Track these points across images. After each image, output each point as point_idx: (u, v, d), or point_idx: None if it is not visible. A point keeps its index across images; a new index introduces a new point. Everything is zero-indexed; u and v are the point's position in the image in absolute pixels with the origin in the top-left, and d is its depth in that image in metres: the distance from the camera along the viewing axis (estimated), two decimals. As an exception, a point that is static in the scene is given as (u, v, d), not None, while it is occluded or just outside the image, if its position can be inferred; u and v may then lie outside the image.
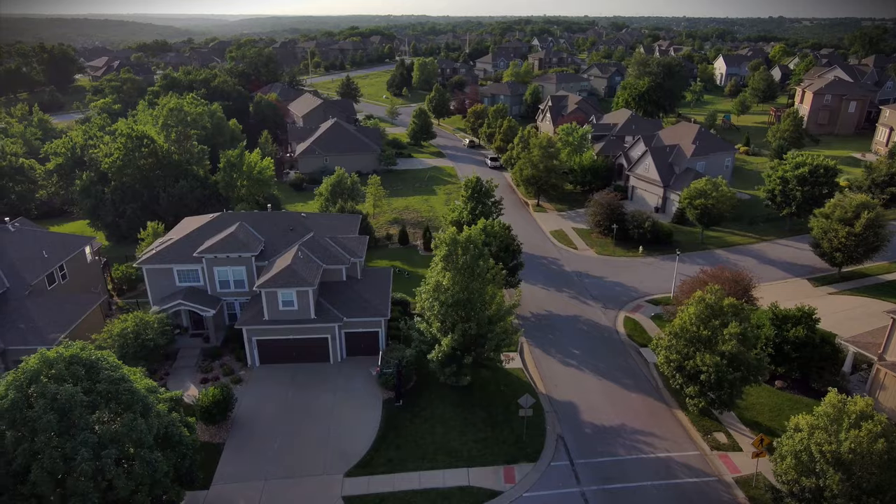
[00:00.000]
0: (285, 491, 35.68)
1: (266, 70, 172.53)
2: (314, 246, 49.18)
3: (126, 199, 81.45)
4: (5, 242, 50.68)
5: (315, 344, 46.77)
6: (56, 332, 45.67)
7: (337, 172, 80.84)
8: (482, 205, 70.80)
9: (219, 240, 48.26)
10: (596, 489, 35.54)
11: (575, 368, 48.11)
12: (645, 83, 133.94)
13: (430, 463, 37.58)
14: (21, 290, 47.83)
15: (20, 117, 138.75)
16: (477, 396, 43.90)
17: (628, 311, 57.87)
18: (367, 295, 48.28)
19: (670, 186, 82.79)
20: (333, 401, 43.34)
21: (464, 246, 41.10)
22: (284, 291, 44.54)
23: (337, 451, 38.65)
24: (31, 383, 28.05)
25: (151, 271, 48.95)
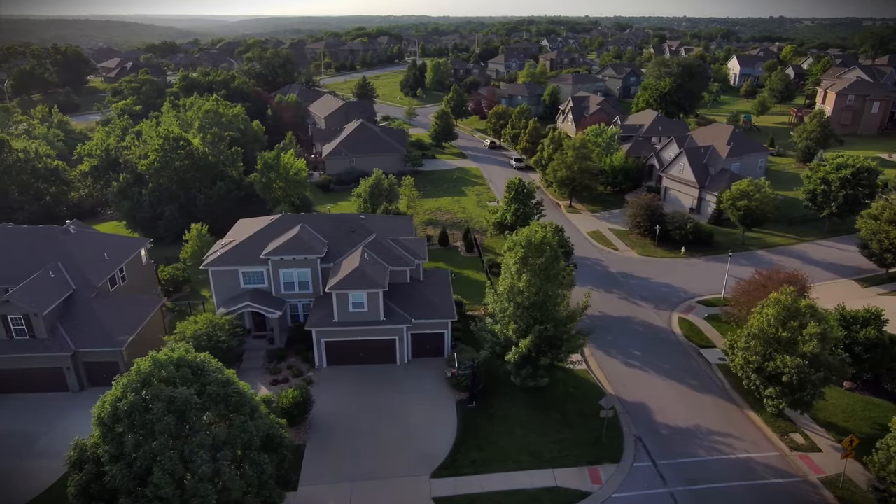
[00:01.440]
0: (374, 492, 35.89)
1: (283, 71, 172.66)
2: (378, 248, 49.39)
3: (164, 200, 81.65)
4: (68, 245, 50.82)
5: (382, 345, 47.00)
6: (125, 335, 45.95)
7: (375, 174, 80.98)
8: (524, 206, 71.13)
9: (284, 242, 48.45)
10: (683, 490, 35.79)
11: (639, 369, 48.36)
12: (667, 84, 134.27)
13: (514, 464, 37.82)
14: (87, 292, 47.99)
15: (41, 119, 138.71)
16: (547, 398, 44.15)
17: (681, 311, 58.12)
18: (432, 297, 48.53)
19: (706, 187, 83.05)
20: (407, 402, 43.57)
21: (539, 248, 41.29)
22: (355, 293, 44.76)
23: (419, 453, 38.87)
24: (144, 386, 28.20)
25: (217, 273, 49.16)
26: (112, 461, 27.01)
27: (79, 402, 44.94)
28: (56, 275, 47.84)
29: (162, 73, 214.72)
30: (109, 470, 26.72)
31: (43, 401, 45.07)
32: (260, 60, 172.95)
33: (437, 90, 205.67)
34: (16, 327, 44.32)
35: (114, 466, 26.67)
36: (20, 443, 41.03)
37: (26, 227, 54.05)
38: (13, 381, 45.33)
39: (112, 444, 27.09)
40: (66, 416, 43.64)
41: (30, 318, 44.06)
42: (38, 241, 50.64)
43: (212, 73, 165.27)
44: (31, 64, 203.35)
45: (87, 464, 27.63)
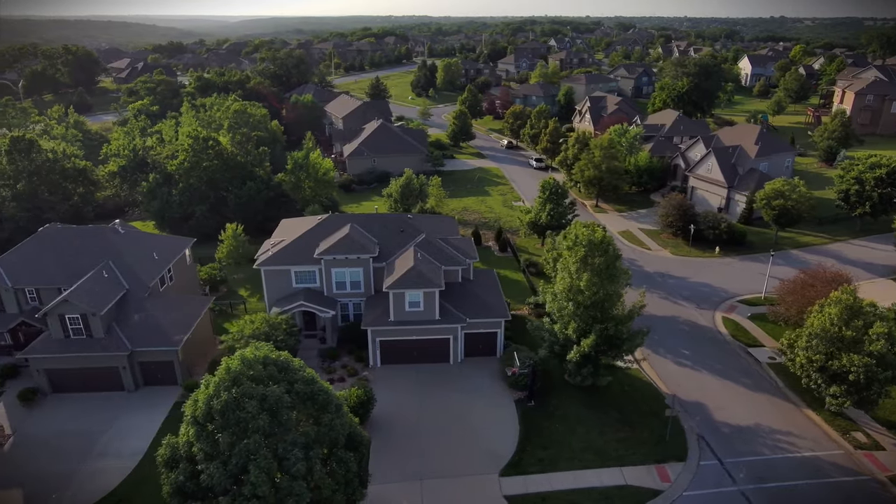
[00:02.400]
0: (444, 490, 36.02)
1: (297, 71, 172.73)
2: (429, 247, 49.51)
3: (194, 200, 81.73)
4: (119, 245, 50.93)
5: (437, 345, 47.14)
6: (180, 334, 46.06)
7: (406, 174, 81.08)
8: (559, 206, 71.26)
9: (336, 241, 48.56)
10: (753, 488, 35.91)
11: (690, 369, 48.50)
12: (684, 84, 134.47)
13: (581, 462, 37.97)
14: (140, 291, 48.10)
15: (58, 119, 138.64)
16: (603, 397, 44.28)
17: (723, 311, 58.27)
18: (485, 296, 48.66)
19: (734, 187, 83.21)
20: (465, 401, 43.71)
21: (600, 247, 41.42)
22: (412, 293, 44.88)
23: (484, 451, 39.00)
24: (235, 384, 28.26)
25: (269, 272, 49.26)
26: (207, 459, 27.06)
27: (134, 402, 45.09)
28: (109, 274, 47.93)
29: (172, 73, 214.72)
30: (206, 468, 26.77)
31: (99, 400, 45.16)
32: (274, 61, 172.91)
33: (447, 90, 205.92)
34: (73, 327, 44.40)
35: (210, 465, 26.73)
36: (81, 443, 41.09)
37: (76, 227, 54.16)
38: (70, 380, 45.46)
39: (206, 443, 27.14)
40: (123, 415, 43.73)
41: (87, 318, 44.15)
42: (89, 241, 50.78)
43: (226, 73, 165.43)
44: (42, 64, 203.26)
45: (181, 462, 27.63)
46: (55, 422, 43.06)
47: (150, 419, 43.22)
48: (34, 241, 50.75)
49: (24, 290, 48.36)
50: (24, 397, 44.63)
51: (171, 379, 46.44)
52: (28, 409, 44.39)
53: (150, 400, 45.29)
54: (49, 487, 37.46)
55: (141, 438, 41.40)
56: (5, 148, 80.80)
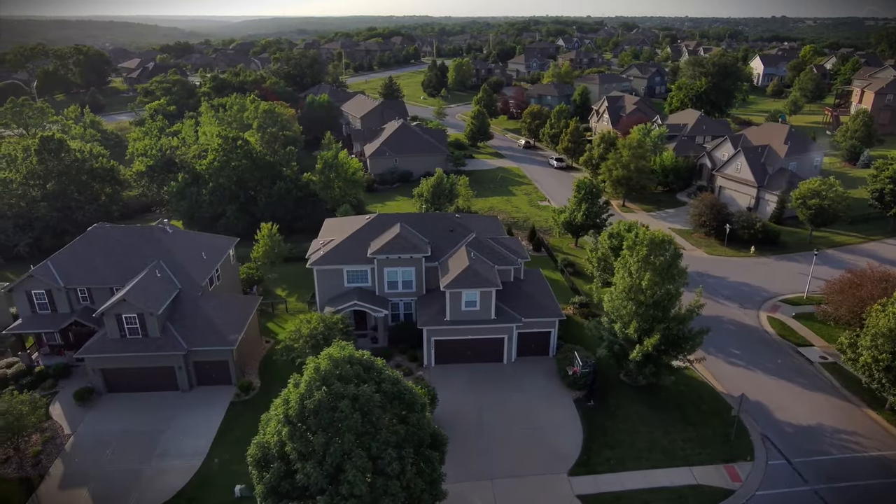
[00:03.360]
0: (516, 489, 35.97)
1: (310, 71, 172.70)
2: (480, 247, 49.43)
3: (224, 200, 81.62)
4: (168, 244, 50.82)
5: (491, 344, 47.07)
6: (234, 334, 45.97)
7: (437, 174, 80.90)
8: (593, 205, 71.21)
9: (389, 241, 48.45)
10: (825, 487, 35.85)
11: (743, 368, 48.45)
12: (702, 83, 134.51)
13: (649, 462, 37.92)
14: (193, 291, 47.99)
15: (74, 119, 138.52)
16: (660, 396, 44.25)
17: (767, 310, 58.22)
18: (538, 296, 48.60)
19: (764, 186, 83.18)
20: (523, 400, 43.64)
21: (661, 246, 41.36)
22: (468, 292, 44.81)
23: (550, 451, 38.94)
24: (324, 384, 28.16)
25: (322, 272, 49.17)
26: (301, 459, 26.97)
27: (189, 402, 45.00)
28: (161, 274, 47.84)
29: (184, 73, 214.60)
30: (302, 468, 26.68)
31: (154, 399, 45.09)
32: (288, 61, 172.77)
33: (458, 90, 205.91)
34: (129, 326, 44.32)
35: (306, 464, 26.63)
36: (142, 442, 41.03)
37: (124, 227, 54.09)
38: (124, 379, 45.41)
39: (300, 442, 27.04)
40: (180, 415, 43.64)
41: (144, 318, 44.06)
42: (138, 241, 50.68)
43: (241, 73, 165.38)
44: (54, 64, 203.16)
45: (275, 462, 27.52)
46: (113, 421, 42.97)
47: (207, 419, 43.14)
48: (83, 240, 50.61)
49: (77, 289, 48.21)
50: (81, 397, 44.55)
51: (225, 379, 46.34)
52: (84, 408, 44.31)
53: (205, 399, 45.19)
54: (116, 486, 37.39)
55: (201, 438, 41.33)
56: (35, 148, 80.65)
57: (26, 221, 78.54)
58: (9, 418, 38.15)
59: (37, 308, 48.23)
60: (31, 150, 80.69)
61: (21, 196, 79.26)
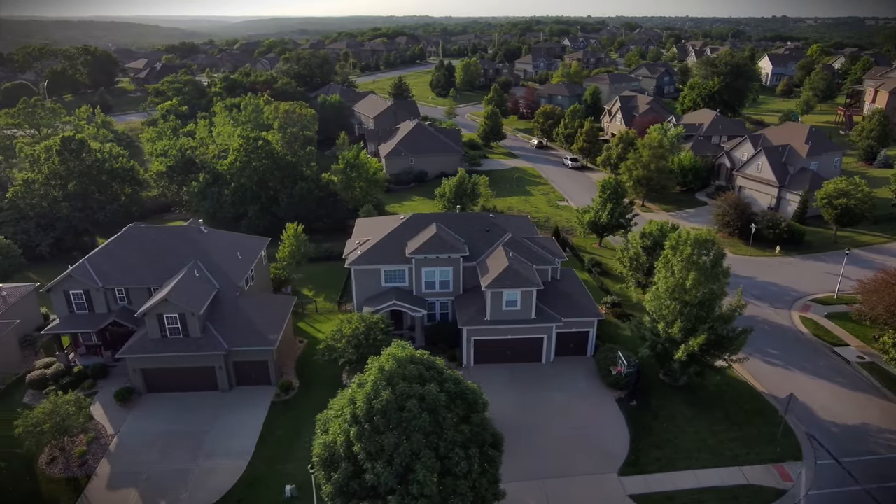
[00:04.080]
0: (567, 489, 35.95)
1: (320, 72, 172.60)
2: (517, 247, 49.41)
3: (246, 200, 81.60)
4: (205, 244, 50.80)
5: (530, 344, 47.04)
6: (274, 334, 45.92)
7: (460, 174, 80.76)
8: (618, 205, 71.18)
9: (426, 241, 48.41)
10: (877, 487, 35.83)
11: (781, 368, 48.44)
12: (715, 83, 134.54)
13: (698, 461, 37.92)
14: (231, 291, 47.97)
15: (86, 119, 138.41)
16: (702, 396, 44.26)
17: (798, 310, 58.21)
18: (576, 295, 48.60)
19: (786, 186, 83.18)
20: (566, 400, 43.62)
21: (705, 245, 41.35)
22: (510, 292, 44.80)
23: (597, 451, 38.93)
24: (390, 384, 28.14)
25: (359, 272, 49.13)
26: (370, 459, 26.94)
27: (230, 402, 44.98)
28: (199, 274, 47.79)
29: (191, 73, 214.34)
30: (372, 467, 26.65)
31: (194, 400, 45.06)
32: (297, 61, 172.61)
33: (466, 90, 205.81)
34: (170, 326, 44.29)
35: (376, 464, 26.61)
36: (187, 442, 41.00)
37: (160, 227, 54.15)
38: (164, 379, 45.37)
39: (369, 442, 27.02)
40: (222, 415, 43.60)
41: (185, 318, 44.02)
42: (174, 241, 50.65)
43: (252, 73, 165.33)
44: (62, 64, 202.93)
45: (342, 462, 27.48)
46: (156, 421, 42.94)
47: (250, 419, 43.11)
48: (119, 240, 50.55)
49: (115, 289, 48.16)
50: (121, 397, 44.52)
51: (264, 379, 46.31)
52: (125, 408, 44.28)
53: (246, 399, 45.17)
54: (164, 486, 37.36)
55: (246, 438, 41.29)
56: (56, 148, 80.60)
57: (48, 221, 78.46)
58: (56, 419, 38.19)
59: (74, 308, 48.17)
60: (52, 150, 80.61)
61: (43, 196, 79.20)
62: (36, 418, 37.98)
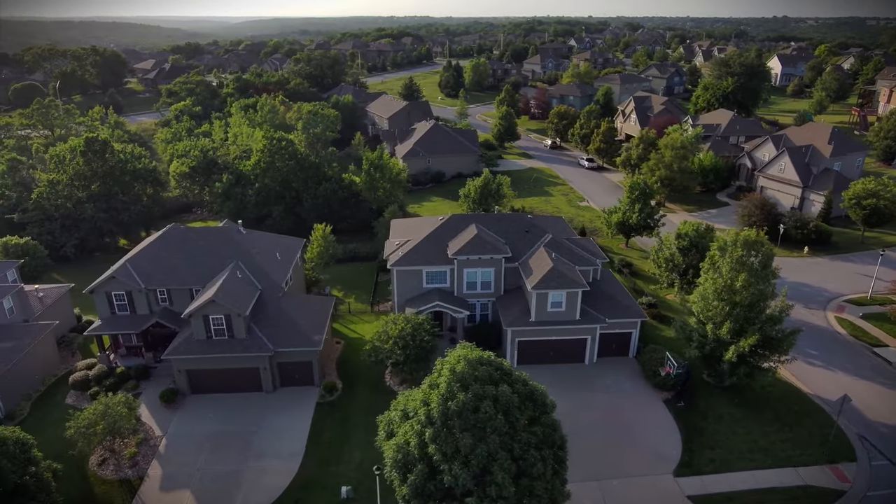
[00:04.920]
0: (623, 491, 35.95)
1: (331, 72, 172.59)
2: (558, 247, 49.39)
3: (270, 201, 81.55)
4: (245, 245, 50.78)
5: (573, 345, 47.03)
6: (318, 334, 45.88)
7: (484, 174, 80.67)
8: (646, 206, 71.15)
9: (468, 242, 48.38)
10: (936, 488, 35.86)
11: (823, 368, 48.44)
12: (730, 83, 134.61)
13: (752, 462, 37.91)
14: (274, 292, 47.93)
15: (100, 119, 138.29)
16: (748, 397, 44.21)
17: (833, 311, 58.22)
18: (618, 296, 48.60)
19: (809, 187, 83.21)
20: (612, 401, 43.60)
21: (755, 247, 41.33)
22: (555, 293, 44.78)
23: (649, 451, 38.91)
24: (463, 385, 28.09)
25: (401, 273, 49.10)
26: (445, 461, 26.89)
27: (275, 403, 44.94)
28: (242, 275, 47.74)
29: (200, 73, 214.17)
30: (449, 469, 26.59)
31: (238, 401, 45.01)
32: (308, 62, 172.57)
33: (475, 90, 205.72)
34: (216, 327, 44.24)
35: (453, 466, 26.56)
36: (236, 443, 40.96)
37: (199, 228, 54.17)
38: (209, 381, 45.32)
39: (446, 444, 26.97)
40: (268, 415, 43.56)
41: (231, 319, 43.97)
42: (216, 242, 50.65)
43: (263, 74, 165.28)
44: (71, 65, 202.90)
45: (418, 464, 27.42)
46: (202, 422, 42.89)
47: (297, 419, 43.07)
48: (160, 241, 50.49)
49: (156, 290, 48.10)
50: (166, 398, 44.45)
51: (308, 379, 46.27)
52: (171, 409, 44.21)
53: (291, 400, 45.13)
54: (217, 488, 37.32)
55: (294, 439, 41.24)
56: (81, 149, 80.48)
57: (72, 222, 78.46)
58: (108, 420, 38.14)
59: (116, 309, 48.12)
60: (76, 151, 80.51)
61: (67, 197, 79.14)
62: (88, 419, 37.95)
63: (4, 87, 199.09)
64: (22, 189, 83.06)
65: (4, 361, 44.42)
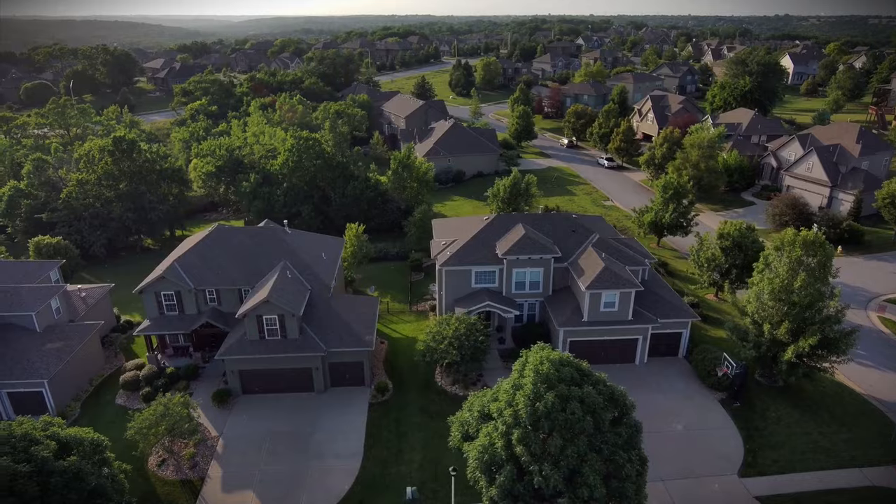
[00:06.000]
0: (690, 491, 35.90)
1: (344, 71, 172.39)
2: (606, 248, 49.30)
3: (298, 200, 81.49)
4: (291, 245, 50.61)
5: (625, 345, 46.95)
6: (368, 334, 45.79)
7: (513, 174, 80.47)
8: (680, 205, 71.06)
9: (517, 241, 48.27)
10: None
11: (874, 368, 48.36)
12: (747, 82, 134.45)
13: (816, 463, 37.85)
14: (323, 292, 47.83)
15: (115, 119, 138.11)
16: (802, 397, 44.15)
17: (874, 310, 58.16)
18: (669, 296, 48.50)
19: (837, 186, 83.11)
20: (667, 401, 43.49)
21: (814, 247, 41.27)
22: (608, 293, 44.70)
23: (711, 452, 38.85)
24: (549, 386, 27.99)
25: (450, 273, 48.99)
26: (534, 462, 26.80)
27: (327, 403, 44.86)
28: (291, 275, 47.63)
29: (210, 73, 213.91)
30: (539, 470, 26.51)
31: (290, 401, 44.93)
32: (321, 61, 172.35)
33: (486, 89, 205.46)
34: (269, 328, 44.12)
35: (543, 466, 26.48)
36: (293, 444, 40.86)
37: (246, 228, 53.97)
38: (260, 381, 45.23)
39: (534, 444, 26.89)
40: (322, 416, 43.46)
41: (284, 319, 43.86)
42: (263, 242, 50.49)
43: (277, 73, 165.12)
44: (82, 64, 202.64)
45: (506, 465, 27.33)
46: (257, 422, 42.77)
47: (351, 420, 42.98)
48: (207, 241, 50.32)
49: (205, 291, 48.00)
50: (219, 398, 44.36)
51: (358, 380, 46.19)
52: (224, 410, 44.11)
53: (343, 400, 45.02)
54: (279, 488, 37.23)
55: (351, 440, 41.16)
56: (109, 148, 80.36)
57: (101, 222, 78.36)
58: (169, 420, 38.08)
59: (164, 309, 48.02)
60: (104, 150, 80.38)
61: (96, 196, 79.05)
62: (149, 420, 37.87)
63: (15, 86, 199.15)
64: (49, 189, 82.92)
65: (56, 361, 44.35)
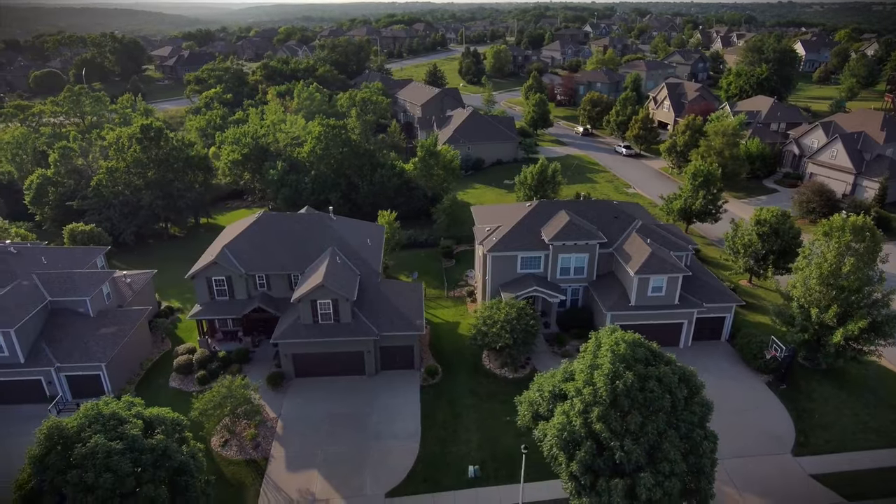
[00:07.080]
0: (746, 469, 36.82)
1: (356, 59, 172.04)
2: (650, 233, 49.93)
3: (326, 188, 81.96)
4: (338, 231, 51.21)
5: (670, 329, 47.71)
6: (418, 318, 46.52)
7: (540, 161, 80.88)
8: (709, 193, 71.58)
9: (563, 227, 48.92)
10: None
11: (912, 351, 49.11)
12: (764, 70, 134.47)
13: (867, 443, 38.79)
14: (372, 277, 48.52)
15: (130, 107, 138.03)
16: (846, 379, 44.99)
17: (908, 296, 58.76)
18: (712, 281, 49.20)
19: (862, 173, 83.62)
20: (716, 383, 43.70)
21: (861, 232, 41.93)
22: (656, 278, 45.41)
23: (763, 432, 39.78)
24: (627, 366, 28.69)
25: (497, 258, 49.67)
26: (615, 438, 27.59)
27: (379, 386, 45.72)
28: (340, 260, 48.28)
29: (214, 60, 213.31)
30: (620, 446, 27.30)
31: (343, 384, 45.80)
32: (334, 48, 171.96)
33: (496, 77, 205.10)
34: (322, 312, 44.85)
35: (625, 442, 27.27)
36: (352, 425, 41.75)
37: (292, 214, 54.30)
38: (313, 364, 46.02)
39: (616, 422, 27.68)
40: (377, 398, 44.33)
41: (338, 304, 44.58)
42: (310, 228, 51.09)
43: (290, 61, 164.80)
44: (91, 52, 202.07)
45: (585, 441, 28.12)
46: (314, 404, 43.63)
47: (405, 402, 43.85)
48: (255, 227, 50.96)
49: (255, 276, 48.69)
50: (273, 381, 45.19)
51: (408, 363, 47.00)
52: (279, 393, 44.95)
53: (394, 383, 45.86)
54: (343, 467, 38.12)
55: (408, 421, 42.03)
56: (137, 136, 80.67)
57: (130, 210, 78.87)
58: (233, 402, 38.91)
59: (215, 294, 48.73)
60: (133, 138, 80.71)
61: (126, 184, 79.50)
62: (214, 401, 38.68)
63: (23, 74, 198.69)
64: (78, 177, 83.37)
65: (112, 345, 45.11)
